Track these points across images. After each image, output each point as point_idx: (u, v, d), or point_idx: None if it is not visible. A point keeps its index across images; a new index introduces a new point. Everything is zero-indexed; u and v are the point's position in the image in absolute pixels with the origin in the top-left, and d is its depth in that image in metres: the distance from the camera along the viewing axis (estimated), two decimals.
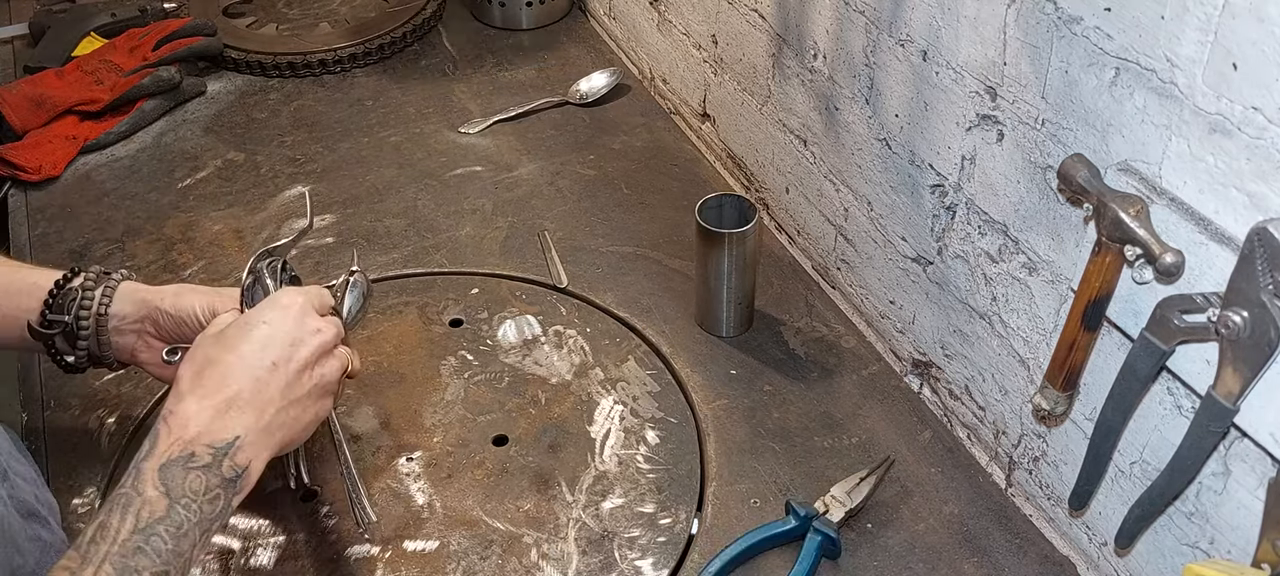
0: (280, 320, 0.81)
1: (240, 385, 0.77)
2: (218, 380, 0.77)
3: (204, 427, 0.75)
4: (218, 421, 0.75)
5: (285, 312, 0.82)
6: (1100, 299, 0.77)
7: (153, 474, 0.72)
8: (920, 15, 0.95)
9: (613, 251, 1.29)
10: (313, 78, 1.63)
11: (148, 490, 0.71)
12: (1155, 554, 0.86)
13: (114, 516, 0.70)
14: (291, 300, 0.83)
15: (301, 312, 0.83)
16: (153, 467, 0.72)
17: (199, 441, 0.74)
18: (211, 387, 0.76)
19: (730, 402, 1.09)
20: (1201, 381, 0.72)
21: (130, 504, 0.70)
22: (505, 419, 1.07)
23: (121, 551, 0.68)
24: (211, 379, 0.77)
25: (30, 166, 1.39)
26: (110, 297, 0.91)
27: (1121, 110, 0.76)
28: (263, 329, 0.80)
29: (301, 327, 0.82)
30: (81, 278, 0.92)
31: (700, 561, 0.93)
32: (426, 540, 0.95)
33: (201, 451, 0.74)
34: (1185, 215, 0.72)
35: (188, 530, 0.71)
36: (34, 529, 0.79)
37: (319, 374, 0.83)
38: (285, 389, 0.79)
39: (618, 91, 1.58)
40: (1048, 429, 0.95)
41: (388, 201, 1.37)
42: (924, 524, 0.98)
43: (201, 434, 0.74)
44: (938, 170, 1.00)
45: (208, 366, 0.78)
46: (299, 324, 0.82)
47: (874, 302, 1.17)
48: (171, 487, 0.72)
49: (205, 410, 0.75)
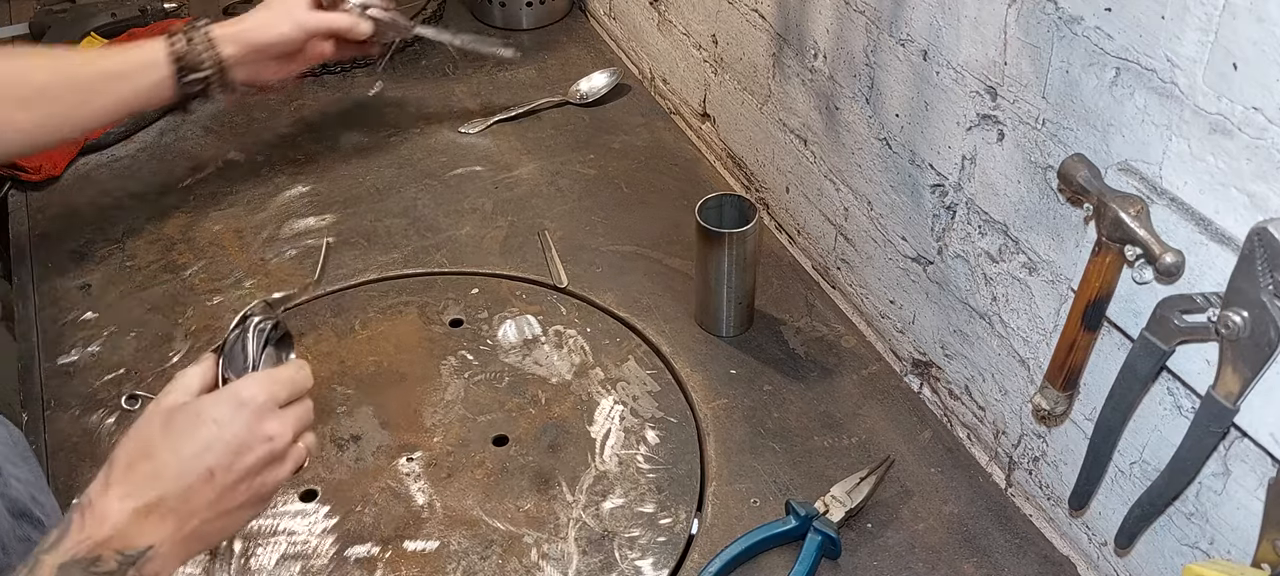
0: (229, 420, 0.73)
1: (167, 490, 0.70)
2: (147, 478, 0.70)
3: (118, 530, 0.68)
4: (135, 526, 0.69)
5: (237, 412, 0.73)
6: (1100, 299, 0.77)
7: (50, 571, 0.66)
8: (921, 15, 0.95)
9: (613, 251, 1.29)
10: (313, 77, 1.63)
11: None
12: (1155, 554, 0.86)
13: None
14: (251, 395, 0.74)
15: (257, 415, 0.74)
16: (52, 564, 0.66)
17: (108, 545, 0.68)
18: (138, 486, 0.70)
19: (730, 402, 1.09)
20: (1201, 381, 0.72)
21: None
22: (505, 419, 1.07)
23: None
24: (140, 474, 0.70)
25: (30, 166, 1.39)
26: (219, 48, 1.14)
27: (1122, 110, 0.76)
28: (208, 430, 0.72)
29: (252, 433, 0.73)
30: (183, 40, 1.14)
31: (700, 561, 0.93)
32: (426, 540, 0.95)
33: (108, 556, 0.67)
34: (1185, 215, 0.72)
35: None
36: (25, 529, 0.79)
37: (258, 482, 0.74)
38: (215, 500, 0.72)
39: (618, 91, 1.58)
40: (1048, 429, 0.95)
41: (388, 201, 1.37)
42: (924, 524, 0.98)
43: (113, 537, 0.68)
44: (938, 170, 1.00)
45: (141, 459, 0.71)
46: (250, 428, 0.73)
47: (874, 302, 1.17)
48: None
49: (124, 511, 0.69)
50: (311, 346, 1.14)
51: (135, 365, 1.13)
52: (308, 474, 1.00)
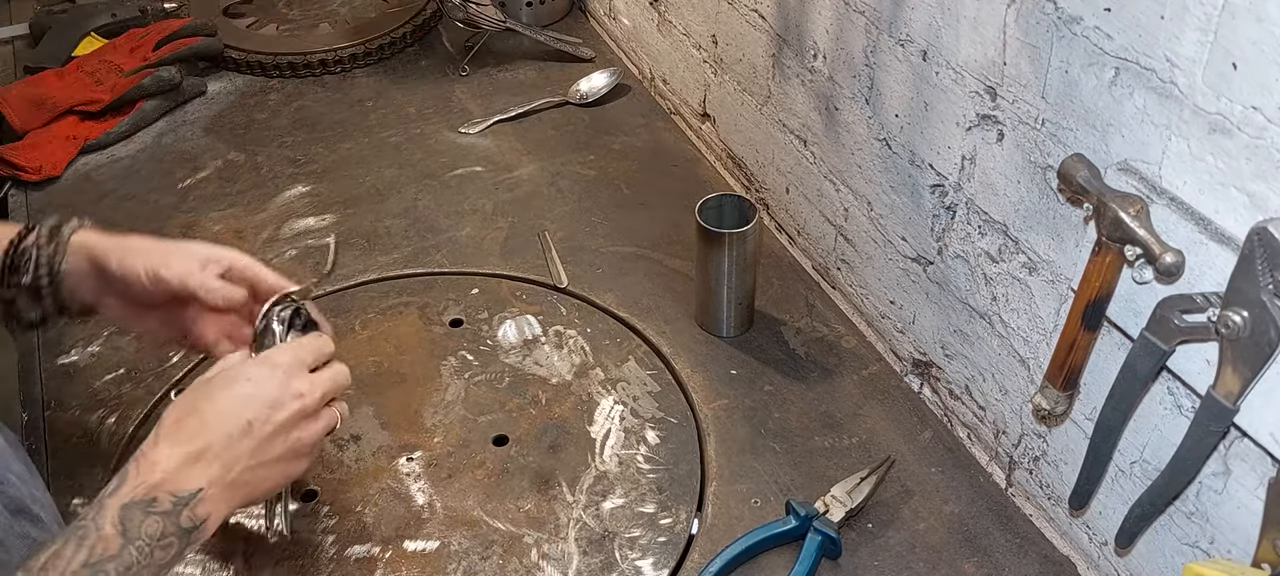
0: (265, 380, 0.81)
1: (211, 438, 0.77)
2: (193, 430, 0.77)
3: (169, 475, 0.75)
4: (184, 471, 0.76)
5: (272, 372, 0.82)
6: (1100, 299, 0.77)
7: (113, 511, 0.72)
8: (920, 15, 0.95)
9: (613, 251, 1.29)
10: (313, 78, 1.63)
11: (105, 526, 0.72)
12: (1155, 553, 0.86)
13: (69, 547, 0.70)
14: (282, 359, 0.83)
15: (288, 373, 0.82)
16: (114, 505, 0.73)
17: (162, 487, 0.74)
18: (185, 437, 0.77)
19: (730, 402, 1.09)
20: (1201, 381, 0.72)
21: (86, 537, 0.71)
22: (506, 419, 1.07)
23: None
24: (187, 428, 0.77)
25: (30, 166, 1.40)
26: (63, 255, 0.90)
27: (1121, 110, 0.76)
28: (245, 387, 0.80)
29: (285, 390, 0.81)
30: (33, 236, 0.91)
31: (700, 561, 0.93)
32: (427, 540, 0.95)
33: (163, 498, 0.74)
34: (1185, 215, 0.72)
35: (136, 572, 0.72)
36: (23, 526, 0.79)
37: (294, 437, 0.82)
38: (256, 449, 0.79)
39: (618, 91, 1.58)
40: (1048, 429, 0.95)
41: (388, 201, 1.37)
42: (924, 523, 0.98)
43: (166, 481, 0.75)
44: (938, 170, 1.00)
45: (188, 415, 0.78)
46: (283, 386, 0.81)
47: (874, 302, 1.17)
48: (128, 528, 0.72)
49: (174, 457, 0.76)
50: None
51: (135, 365, 1.13)
52: (308, 474, 1.00)
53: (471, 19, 1.64)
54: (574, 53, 1.66)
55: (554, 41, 1.67)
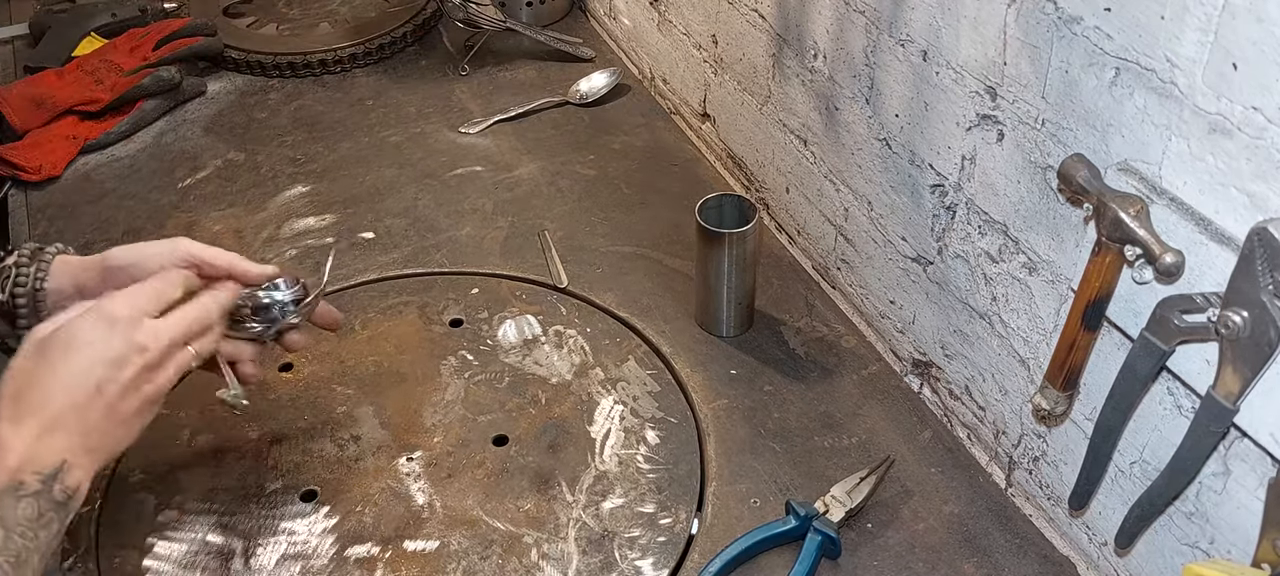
0: (104, 339, 0.76)
1: (59, 408, 0.74)
2: (38, 404, 0.74)
3: (27, 456, 0.72)
4: (40, 447, 0.73)
5: (111, 328, 0.77)
6: (1100, 299, 0.77)
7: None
8: (920, 15, 0.95)
9: (613, 251, 1.29)
10: (313, 78, 1.63)
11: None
12: (1155, 554, 0.86)
13: None
14: (120, 311, 0.78)
15: (129, 326, 0.77)
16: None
17: (25, 470, 0.72)
18: (30, 411, 0.74)
19: (730, 402, 1.09)
20: (1201, 381, 0.72)
21: None
22: (505, 419, 1.07)
23: None
24: (30, 402, 0.74)
25: (30, 166, 1.40)
26: (46, 273, 0.90)
27: (1121, 110, 0.76)
28: (86, 350, 0.75)
29: (128, 343, 0.77)
30: (14, 255, 0.90)
31: (700, 561, 0.93)
32: (427, 540, 0.95)
33: (29, 479, 0.72)
34: (1185, 215, 0.72)
35: (26, 557, 0.71)
36: None
37: (145, 391, 0.78)
38: (108, 411, 0.76)
39: (618, 91, 1.58)
40: (1048, 429, 0.95)
41: (388, 201, 1.37)
42: (924, 524, 0.98)
43: (26, 462, 0.72)
44: (938, 170, 1.00)
45: (27, 389, 0.74)
46: (126, 340, 0.77)
47: (874, 302, 1.17)
48: (5, 519, 0.70)
49: (26, 436, 0.73)
50: (312, 346, 1.14)
51: None
52: (308, 474, 1.01)
53: (471, 19, 1.64)
54: (574, 52, 1.66)
55: (554, 41, 1.67)
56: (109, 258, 0.89)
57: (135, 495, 0.99)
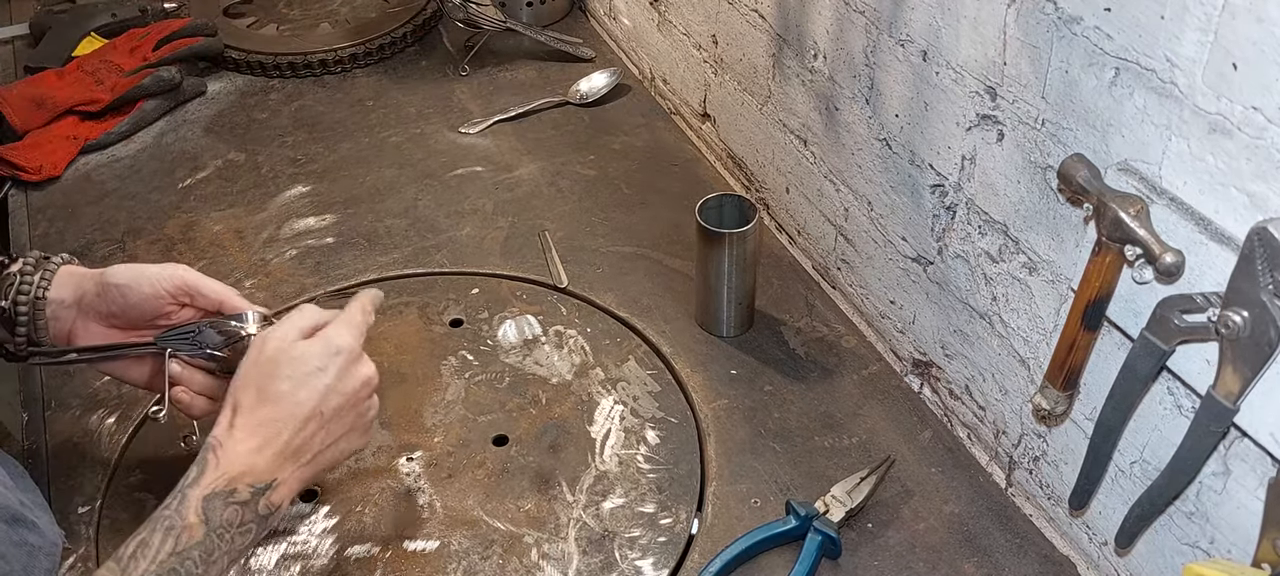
0: (338, 370, 0.83)
1: (288, 429, 0.80)
2: (268, 422, 0.80)
3: (248, 467, 0.78)
4: (262, 463, 0.79)
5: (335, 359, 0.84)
6: (1100, 299, 0.77)
7: (196, 501, 0.76)
8: (920, 15, 0.95)
9: (613, 251, 1.29)
10: (313, 78, 1.63)
11: (189, 516, 0.75)
12: (1155, 553, 0.86)
13: (156, 536, 0.74)
14: (345, 343, 0.85)
15: (350, 360, 0.85)
16: (196, 496, 0.76)
17: (242, 479, 0.78)
18: (260, 426, 0.80)
19: (730, 402, 1.09)
20: (1201, 381, 0.72)
21: (172, 527, 0.75)
22: (506, 419, 1.07)
23: (158, 570, 0.73)
24: (261, 416, 0.80)
25: (31, 166, 1.40)
26: (49, 282, 0.91)
27: (1121, 110, 0.76)
28: (317, 379, 0.82)
29: (353, 376, 0.84)
30: (19, 263, 0.92)
31: (700, 561, 0.93)
32: (427, 540, 0.95)
33: (243, 489, 0.78)
34: (1185, 215, 0.72)
35: (217, 558, 0.76)
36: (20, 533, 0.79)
37: (355, 415, 0.86)
38: (326, 435, 0.83)
39: (618, 91, 1.58)
40: (1048, 428, 0.95)
41: (388, 201, 1.37)
42: (924, 523, 0.98)
43: (246, 472, 0.78)
44: (938, 170, 1.00)
45: (260, 405, 0.80)
46: (350, 372, 0.84)
47: (874, 302, 1.17)
48: (211, 517, 0.76)
49: (252, 448, 0.79)
50: None
51: None
52: None
53: (471, 19, 1.64)
54: (574, 53, 1.66)
55: (554, 41, 1.67)
56: (108, 275, 0.92)
57: (135, 495, 1.00)
